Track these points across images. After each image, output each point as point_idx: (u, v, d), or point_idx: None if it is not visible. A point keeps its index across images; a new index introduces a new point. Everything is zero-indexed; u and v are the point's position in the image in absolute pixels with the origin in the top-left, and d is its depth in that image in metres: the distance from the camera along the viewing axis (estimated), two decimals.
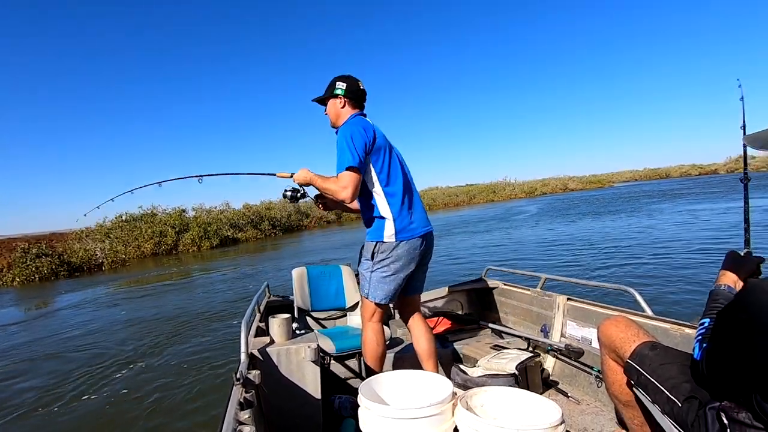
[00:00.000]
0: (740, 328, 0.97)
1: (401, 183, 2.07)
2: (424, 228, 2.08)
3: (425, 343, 2.15)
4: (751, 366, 0.94)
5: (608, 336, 1.49)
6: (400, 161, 2.16)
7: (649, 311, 2.04)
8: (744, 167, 1.61)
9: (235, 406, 1.29)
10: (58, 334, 6.52)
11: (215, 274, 11.46)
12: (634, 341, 1.40)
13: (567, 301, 2.59)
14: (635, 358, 1.36)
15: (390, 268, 2.02)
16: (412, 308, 2.23)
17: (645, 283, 5.80)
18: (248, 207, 25.88)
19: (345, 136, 1.98)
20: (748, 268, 1.31)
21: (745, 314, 0.95)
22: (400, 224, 2.01)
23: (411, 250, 2.02)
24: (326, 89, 2.19)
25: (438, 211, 31.21)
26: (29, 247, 15.30)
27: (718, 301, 1.24)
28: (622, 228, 12.10)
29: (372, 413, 1.39)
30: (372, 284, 2.06)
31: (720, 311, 1.08)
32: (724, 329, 1.04)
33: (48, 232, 25.01)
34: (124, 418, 3.51)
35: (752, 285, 0.97)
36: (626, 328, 1.46)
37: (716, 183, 31.28)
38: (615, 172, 68.82)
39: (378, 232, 2.03)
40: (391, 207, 2.02)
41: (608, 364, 1.52)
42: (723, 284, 1.29)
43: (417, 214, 2.09)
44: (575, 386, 2.34)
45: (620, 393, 1.49)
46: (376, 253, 2.03)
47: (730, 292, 1.26)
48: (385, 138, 2.12)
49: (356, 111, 2.16)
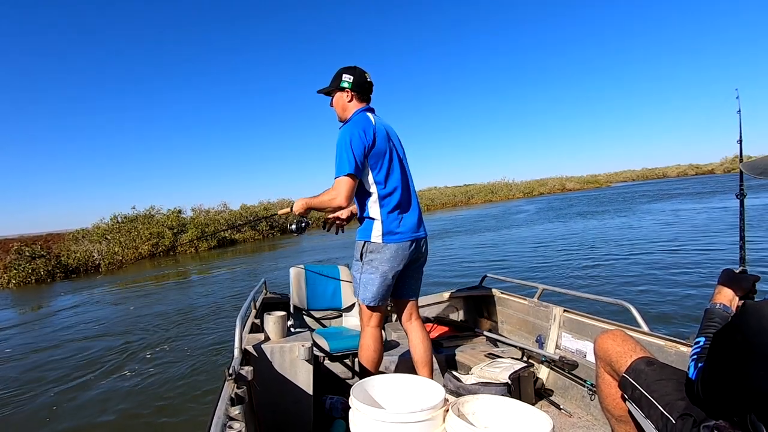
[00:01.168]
0: (736, 351, 0.96)
1: (397, 186, 2.06)
2: (414, 234, 2.07)
3: (422, 350, 2.14)
4: (747, 389, 0.94)
5: (604, 349, 1.49)
6: (401, 163, 2.13)
7: (645, 327, 2.04)
8: (740, 182, 1.52)
9: (226, 402, 1.29)
10: (55, 334, 6.52)
11: (213, 275, 11.47)
12: (631, 356, 1.40)
13: (563, 313, 2.58)
14: (631, 373, 1.35)
15: (377, 269, 2.02)
16: (408, 312, 2.21)
17: (639, 291, 5.79)
18: (246, 208, 25.83)
19: (344, 139, 1.96)
20: (744, 287, 1.30)
21: (741, 336, 0.95)
22: (387, 227, 2.01)
23: (398, 252, 2.01)
24: (332, 80, 2.16)
25: (437, 212, 31.17)
26: (22, 247, 15.16)
27: (713, 320, 1.24)
28: (617, 229, 12.13)
29: (363, 415, 1.39)
30: (361, 285, 2.07)
31: (716, 333, 1.08)
32: (719, 351, 1.03)
33: (45, 233, 24.99)
34: (117, 412, 3.52)
35: (748, 307, 0.97)
36: (623, 342, 1.46)
37: (713, 182, 31.46)
38: (613, 173, 69.07)
39: (366, 232, 2.05)
40: (381, 209, 2.03)
41: (603, 377, 1.51)
42: (718, 303, 1.29)
43: (409, 218, 2.08)
44: (568, 398, 2.33)
45: (614, 407, 1.49)
46: (364, 253, 2.05)
47: (726, 311, 1.26)
48: (387, 138, 2.08)
49: (363, 105, 2.14)
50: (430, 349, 2.17)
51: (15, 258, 14.57)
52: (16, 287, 13.67)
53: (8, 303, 10.79)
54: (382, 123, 2.14)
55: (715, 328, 1.20)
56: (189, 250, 19.77)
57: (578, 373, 2.29)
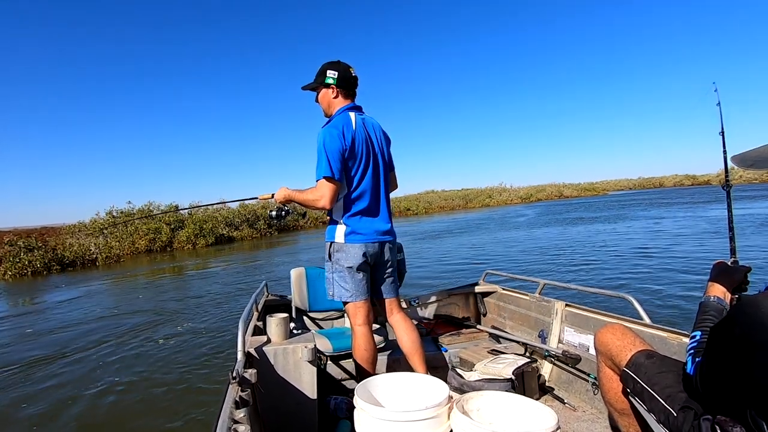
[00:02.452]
0: (734, 345, 0.96)
1: (366, 190, 2.08)
2: (379, 237, 2.11)
3: (409, 340, 2.17)
4: (746, 382, 0.94)
5: (605, 344, 1.49)
6: (377, 167, 2.13)
7: (647, 319, 2.04)
8: (726, 174, 1.59)
9: (230, 405, 1.29)
10: (51, 329, 6.49)
11: (211, 272, 11.44)
12: (631, 349, 1.40)
13: (565, 308, 2.58)
14: (631, 367, 1.36)
15: (343, 267, 2.07)
16: (390, 309, 2.25)
17: (640, 287, 5.80)
18: (244, 206, 25.82)
19: (323, 142, 1.98)
20: (736, 278, 1.31)
21: (739, 330, 0.95)
22: (350, 228, 2.06)
23: (361, 250, 2.05)
24: (316, 76, 2.15)
25: (435, 214, 31.21)
26: (15, 239, 15.05)
27: (708, 314, 1.24)
28: (615, 232, 12.16)
29: (367, 415, 1.39)
30: (334, 285, 2.11)
31: (713, 327, 1.08)
32: (717, 345, 1.03)
33: (39, 226, 24.87)
34: (119, 415, 3.50)
35: (746, 301, 0.97)
36: (623, 336, 1.46)
37: (708, 192, 31.65)
38: (610, 180, 69.33)
39: (332, 233, 2.11)
40: (346, 211, 2.07)
41: (604, 371, 1.52)
42: (713, 296, 1.29)
43: (374, 222, 2.10)
44: (572, 393, 2.33)
45: (616, 401, 1.49)
46: (331, 253, 2.11)
47: (720, 304, 1.26)
48: (365, 141, 2.07)
49: (348, 102, 2.14)
50: (417, 337, 2.18)
51: (9, 249, 14.42)
52: (12, 279, 13.55)
53: (2, 295, 10.69)
54: (367, 122, 2.13)
55: (712, 322, 1.20)
56: (186, 246, 19.73)
57: (582, 367, 2.30)
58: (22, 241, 15.02)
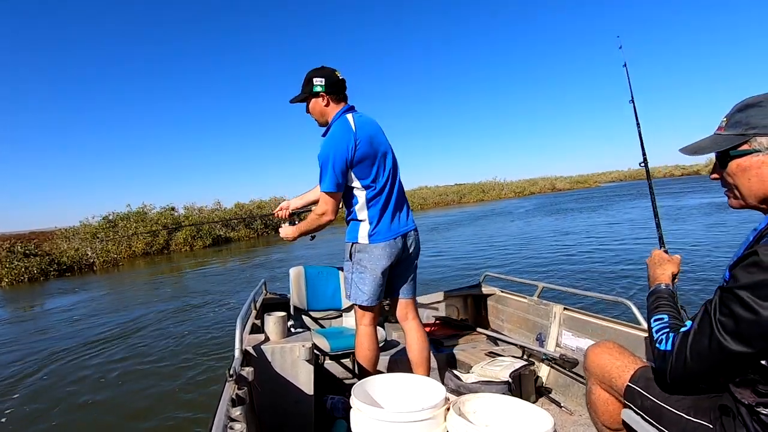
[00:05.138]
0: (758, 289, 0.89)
1: (384, 186, 2.05)
2: (402, 228, 2.08)
3: (418, 350, 2.14)
4: None
5: (601, 365, 1.37)
6: (386, 161, 2.10)
7: (645, 324, 2.04)
8: (643, 156, 1.71)
9: (227, 403, 1.29)
10: (49, 333, 6.49)
11: (209, 272, 11.43)
12: (633, 366, 1.32)
13: (563, 311, 2.58)
14: (638, 382, 1.26)
15: (366, 268, 2.04)
16: (405, 311, 2.21)
17: (638, 288, 5.80)
18: (240, 206, 25.71)
19: (326, 154, 1.95)
20: (676, 266, 1.34)
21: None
22: (374, 227, 2.03)
23: (385, 250, 2.02)
24: (303, 87, 2.07)
25: (429, 211, 31.12)
26: (13, 244, 14.87)
27: (663, 298, 1.23)
28: (608, 225, 12.22)
29: (364, 415, 1.39)
30: (352, 286, 2.08)
31: (724, 287, 0.98)
32: (732, 297, 0.93)
33: (27, 231, 24.71)
34: (117, 413, 3.51)
35: (761, 249, 0.91)
36: (620, 354, 1.37)
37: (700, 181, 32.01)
38: (601, 173, 70.15)
39: (353, 234, 2.07)
40: (369, 210, 2.04)
41: (598, 394, 1.40)
42: (663, 283, 1.29)
43: (396, 215, 2.08)
44: (569, 396, 2.33)
45: (611, 423, 1.40)
46: (353, 253, 2.07)
47: (670, 289, 1.27)
48: (370, 140, 2.03)
49: (341, 106, 2.08)
50: (427, 349, 2.16)
51: (6, 255, 14.24)
52: (9, 286, 13.41)
53: (0, 302, 10.65)
54: (365, 122, 2.07)
55: (670, 306, 1.20)
56: (183, 248, 19.64)
57: (579, 371, 2.30)
58: (20, 246, 14.87)
